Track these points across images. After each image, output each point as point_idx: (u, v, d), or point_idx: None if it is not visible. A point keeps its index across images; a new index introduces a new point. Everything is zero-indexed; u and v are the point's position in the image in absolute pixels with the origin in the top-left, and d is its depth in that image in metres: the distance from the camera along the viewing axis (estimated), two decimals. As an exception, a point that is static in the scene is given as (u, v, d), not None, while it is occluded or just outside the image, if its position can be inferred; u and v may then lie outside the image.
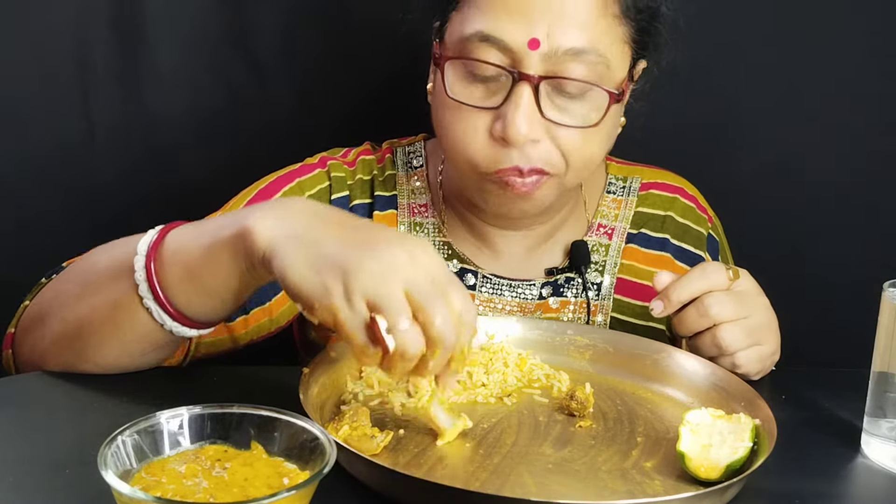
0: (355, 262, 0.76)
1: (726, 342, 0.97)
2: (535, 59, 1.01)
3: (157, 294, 0.87)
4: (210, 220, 0.92)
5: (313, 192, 1.16)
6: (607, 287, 1.20)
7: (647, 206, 1.24)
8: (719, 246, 1.27)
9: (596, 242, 1.22)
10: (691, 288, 0.97)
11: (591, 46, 1.01)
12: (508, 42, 1.01)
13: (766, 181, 1.52)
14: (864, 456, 0.90)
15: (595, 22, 1.01)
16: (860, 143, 1.50)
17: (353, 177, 1.20)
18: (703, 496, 0.76)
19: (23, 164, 1.40)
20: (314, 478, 0.67)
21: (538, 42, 1.00)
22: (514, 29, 1.00)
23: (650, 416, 0.94)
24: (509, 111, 1.01)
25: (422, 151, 1.23)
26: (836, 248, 1.54)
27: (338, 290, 0.76)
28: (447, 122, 1.06)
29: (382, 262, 0.76)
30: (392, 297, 0.76)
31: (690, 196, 1.27)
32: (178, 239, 0.88)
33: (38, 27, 1.37)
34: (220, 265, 0.84)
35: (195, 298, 0.87)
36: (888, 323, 0.88)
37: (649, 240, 1.23)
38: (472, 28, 1.02)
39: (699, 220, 1.25)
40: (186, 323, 0.89)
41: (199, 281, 0.86)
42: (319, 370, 0.92)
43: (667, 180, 1.27)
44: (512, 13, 1.00)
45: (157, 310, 0.88)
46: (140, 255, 0.88)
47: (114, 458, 0.67)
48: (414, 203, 1.20)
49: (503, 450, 0.85)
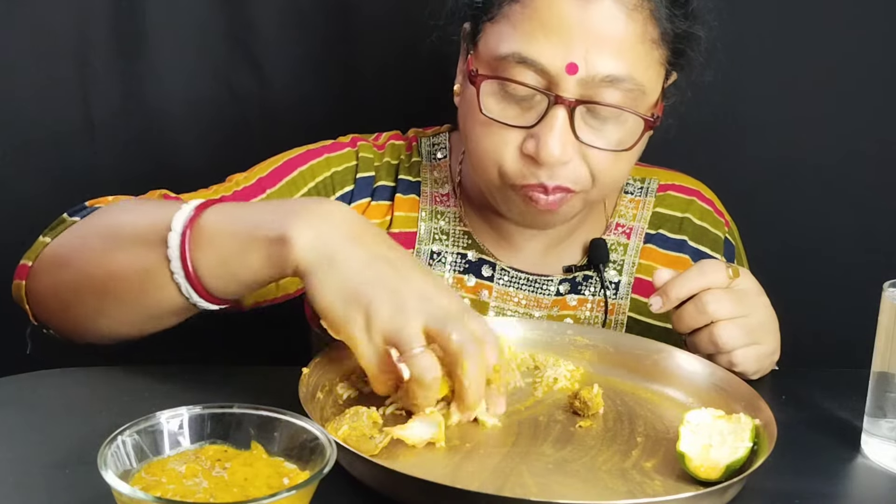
0: (377, 301, 0.82)
1: (723, 340, 0.97)
2: (572, 83, 1.00)
3: (188, 273, 0.88)
4: (248, 207, 0.97)
5: (339, 170, 1.18)
6: (625, 286, 1.21)
7: (665, 207, 1.25)
8: (735, 250, 1.27)
9: (614, 241, 1.22)
10: (690, 285, 0.98)
11: (628, 74, 1.00)
12: (546, 65, 1.00)
13: (767, 181, 1.52)
14: (864, 456, 0.90)
15: (633, 48, 1.01)
16: (861, 142, 1.50)
17: (381, 159, 1.22)
18: (703, 496, 0.76)
19: (23, 165, 1.40)
20: (314, 478, 0.67)
21: (576, 67, 0.99)
22: (551, 52, 0.99)
23: (650, 416, 0.94)
24: (543, 133, 1.01)
25: (446, 143, 1.24)
26: (836, 248, 1.54)
27: (359, 324, 0.83)
28: (477, 136, 1.06)
29: (403, 303, 0.83)
30: (406, 331, 0.82)
31: (707, 199, 1.27)
32: (215, 224, 0.89)
33: (39, 27, 1.37)
34: (252, 261, 0.87)
35: (224, 282, 0.89)
36: (888, 323, 0.88)
37: (667, 241, 1.23)
38: (509, 48, 1.01)
39: (716, 224, 1.26)
40: (211, 299, 0.91)
41: (230, 269, 0.88)
42: (319, 370, 0.92)
43: (684, 182, 1.27)
44: (549, 35, 0.99)
45: (187, 286, 0.89)
46: (175, 231, 0.88)
47: (114, 458, 0.67)
48: (436, 192, 1.21)
49: (503, 450, 0.85)
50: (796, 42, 1.47)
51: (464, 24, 1.10)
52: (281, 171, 1.16)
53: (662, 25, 1.02)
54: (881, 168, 1.52)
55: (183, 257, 0.88)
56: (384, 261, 0.86)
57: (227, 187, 1.15)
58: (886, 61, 1.48)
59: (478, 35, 1.07)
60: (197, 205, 0.91)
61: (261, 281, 0.89)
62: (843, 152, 1.51)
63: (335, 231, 0.86)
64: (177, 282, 0.89)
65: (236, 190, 1.14)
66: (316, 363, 0.92)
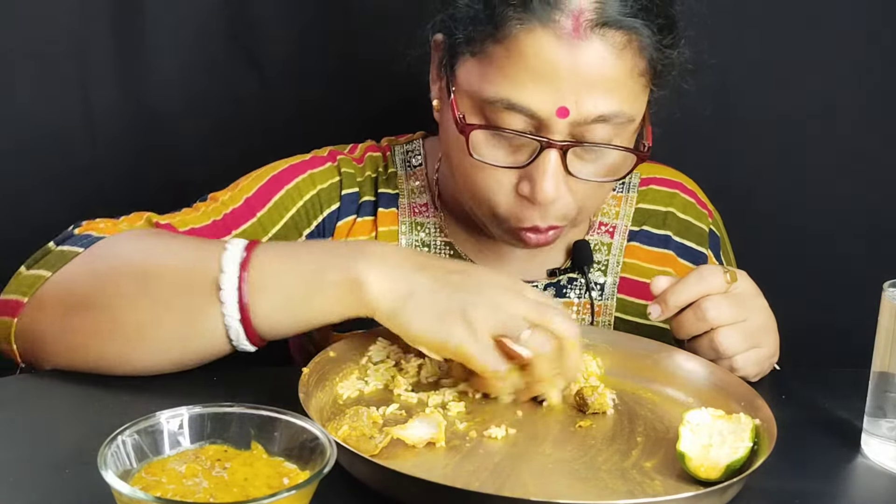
0: (470, 307, 0.87)
1: (724, 346, 0.97)
2: (562, 125, 0.98)
3: (245, 316, 0.88)
4: (301, 247, 0.99)
5: (325, 187, 1.16)
6: (610, 286, 1.20)
7: (648, 202, 1.24)
8: (720, 241, 1.27)
9: (598, 241, 1.21)
10: (688, 292, 0.97)
11: (620, 110, 0.99)
12: (536, 111, 0.97)
13: (767, 181, 1.52)
14: (864, 456, 0.90)
15: (622, 85, 0.98)
16: (861, 142, 1.50)
17: (363, 173, 1.19)
18: (703, 496, 0.76)
19: (23, 164, 1.40)
20: (314, 478, 0.67)
21: (567, 111, 0.97)
22: (540, 98, 0.96)
23: (650, 416, 0.94)
24: (537, 175, 0.99)
25: (420, 150, 1.22)
26: (836, 248, 1.54)
27: (462, 333, 0.87)
28: (469, 175, 1.04)
29: (493, 300, 0.88)
30: (511, 321, 0.88)
31: (690, 191, 1.26)
32: (272, 265, 0.89)
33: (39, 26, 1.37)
34: (319, 304, 0.89)
35: (281, 325, 0.90)
36: (888, 323, 0.88)
37: (651, 237, 1.22)
38: (496, 93, 0.98)
39: (700, 216, 1.25)
40: (256, 342, 0.91)
41: (292, 312, 0.89)
42: (319, 370, 0.92)
43: (665, 175, 1.26)
44: (538, 81, 0.96)
45: (238, 328, 0.89)
46: (229, 274, 0.88)
47: (114, 458, 0.67)
48: (415, 203, 1.19)
49: (503, 450, 0.85)
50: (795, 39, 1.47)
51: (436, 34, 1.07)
52: (268, 189, 1.13)
53: (650, 55, 1.00)
54: (881, 168, 1.52)
55: (241, 300, 0.87)
56: (456, 275, 0.90)
57: (216, 209, 1.11)
58: (887, 60, 1.48)
59: (456, 63, 1.03)
60: (246, 244, 0.90)
61: (326, 321, 0.90)
62: (843, 152, 1.51)
63: (400, 267, 0.89)
64: (227, 325, 0.88)
65: (225, 213, 1.11)
66: (316, 363, 0.92)
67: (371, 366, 0.97)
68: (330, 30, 1.44)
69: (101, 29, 1.38)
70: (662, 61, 1.02)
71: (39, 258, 0.99)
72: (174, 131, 1.44)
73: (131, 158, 1.43)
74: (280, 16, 1.42)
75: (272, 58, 1.44)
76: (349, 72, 1.45)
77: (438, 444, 0.84)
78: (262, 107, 1.45)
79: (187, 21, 1.41)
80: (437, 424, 0.84)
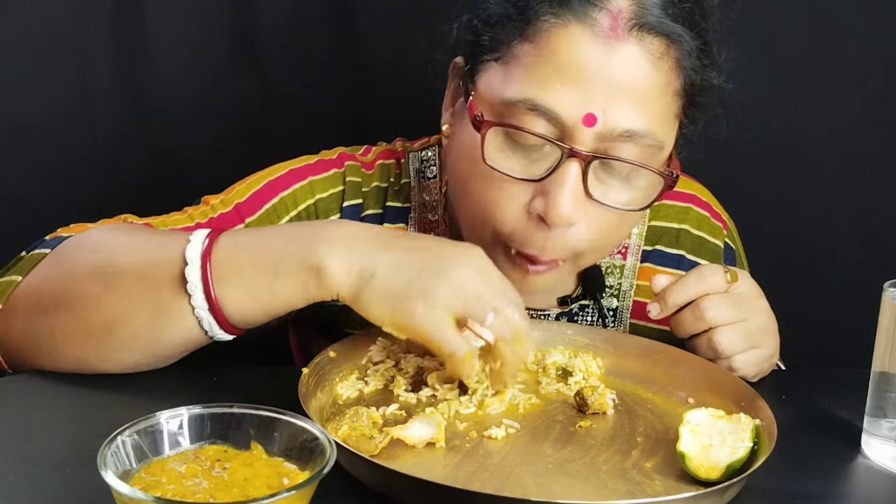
0: (433, 284, 0.84)
1: (722, 346, 0.97)
2: (588, 136, 0.92)
3: (213, 306, 0.87)
4: (262, 233, 0.93)
5: (324, 196, 1.12)
6: (623, 311, 1.16)
7: (661, 218, 1.19)
8: (735, 254, 1.23)
9: (609, 264, 1.16)
10: (688, 291, 0.96)
11: (649, 129, 0.93)
12: (561, 115, 0.91)
13: (766, 181, 1.52)
14: (864, 456, 0.90)
15: (654, 100, 0.93)
16: (861, 142, 1.50)
17: (370, 183, 1.14)
18: (703, 496, 0.76)
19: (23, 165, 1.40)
20: (314, 478, 0.67)
21: (595, 118, 0.91)
22: (568, 101, 0.91)
23: (650, 416, 0.94)
24: (554, 189, 0.93)
25: (436, 160, 1.16)
26: (836, 248, 1.54)
27: (419, 310, 0.84)
28: (477, 189, 0.98)
29: (456, 279, 0.85)
30: (473, 300, 0.85)
31: (704, 203, 1.21)
32: (234, 253, 0.88)
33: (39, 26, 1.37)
34: (284, 291, 0.87)
35: (251, 313, 0.89)
36: (888, 323, 0.88)
37: (665, 257, 1.18)
38: (519, 93, 0.93)
39: (714, 231, 1.21)
40: (232, 330, 0.90)
41: (259, 300, 0.88)
42: (319, 370, 0.92)
43: (678, 186, 1.19)
44: (566, 82, 0.91)
45: (209, 319, 0.88)
46: (193, 265, 0.86)
47: (114, 458, 0.67)
48: (425, 218, 1.14)
49: (503, 450, 0.85)
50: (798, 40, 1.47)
51: (455, 58, 1.03)
52: (261, 195, 1.10)
53: (686, 76, 0.95)
54: (881, 168, 1.52)
55: (207, 291, 0.86)
56: (420, 252, 0.87)
57: (203, 212, 1.09)
58: (888, 60, 1.48)
59: (477, 73, 0.99)
60: (207, 234, 0.88)
61: (292, 308, 0.89)
62: (843, 152, 1.51)
63: (361, 247, 0.86)
64: (198, 316, 0.87)
65: (212, 217, 1.08)
66: (316, 363, 0.92)
67: (371, 366, 0.97)
68: (330, 30, 1.44)
69: (101, 29, 1.39)
70: (700, 82, 0.97)
71: (12, 266, 0.97)
72: (174, 131, 1.44)
73: (131, 158, 1.44)
74: (280, 16, 1.43)
75: (272, 58, 1.44)
76: (350, 72, 1.45)
77: (438, 445, 0.84)
78: (262, 107, 1.45)
79: (187, 21, 1.41)
80: (437, 424, 0.84)
